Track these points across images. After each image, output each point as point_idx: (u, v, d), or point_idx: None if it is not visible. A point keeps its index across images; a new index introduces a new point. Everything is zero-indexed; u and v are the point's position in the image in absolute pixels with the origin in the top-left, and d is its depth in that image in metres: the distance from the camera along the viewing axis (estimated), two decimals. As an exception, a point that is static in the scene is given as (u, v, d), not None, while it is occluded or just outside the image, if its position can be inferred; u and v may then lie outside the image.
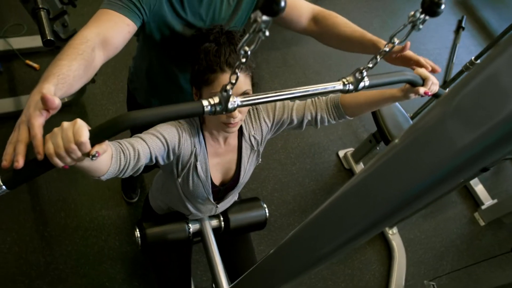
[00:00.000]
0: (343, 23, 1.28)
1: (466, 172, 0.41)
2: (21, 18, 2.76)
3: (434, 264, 2.64)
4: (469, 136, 0.38)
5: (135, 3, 1.08)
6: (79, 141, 0.67)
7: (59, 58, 0.86)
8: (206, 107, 0.72)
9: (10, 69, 2.57)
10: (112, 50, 1.03)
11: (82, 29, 0.98)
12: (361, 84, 0.88)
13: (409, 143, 0.45)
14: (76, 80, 0.86)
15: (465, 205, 3.01)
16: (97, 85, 2.63)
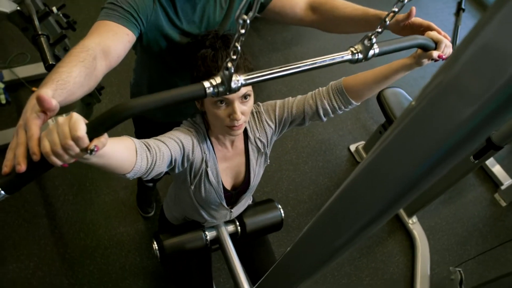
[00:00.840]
0: (341, 4, 1.24)
1: (472, 143, 0.40)
2: (24, 47, 2.81)
3: (458, 250, 2.60)
4: (471, 106, 0.37)
5: (132, 13, 1.08)
6: (75, 136, 0.62)
7: (59, 65, 0.83)
8: (208, 88, 0.67)
9: (17, 98, 2.61)
10: (114, 59, 1.01)
11: (83, 39, 0.96)
12: (371, 52, 0.82)
13: (411, 121, 0.44)
14: (77, 87, 0.83)
15: (484, 187, 2.96)
16: (103, 104, 2.66)
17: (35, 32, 1.71)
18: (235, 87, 0.68)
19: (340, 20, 1.24)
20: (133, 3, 1.08)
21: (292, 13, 1.30)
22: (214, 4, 1.24)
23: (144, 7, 1.10)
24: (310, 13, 1.30)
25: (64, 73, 0.80)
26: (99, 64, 0.94)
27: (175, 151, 1.05)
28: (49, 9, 2.02)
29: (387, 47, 0.87)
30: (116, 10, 1.06)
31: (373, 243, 2.50)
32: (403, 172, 0.48)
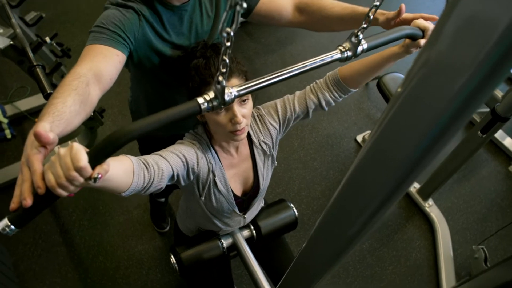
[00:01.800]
0: (329, 4, 1.24)
1: (466, 115, 0.40)
2: (23, 81, 2.85)
3: (479, 228, 2.56)
4: (459, 78, 0.37)
5: (119, 33, 1.08)
6: (78, 167, 0.63)
7: (53, 96, 0.84)
8: (202, 104, 0.68)
9: (22, 131, 2.64)
10: (107, 82, 1.01)
11: (74, 66, 0.96)
12: (359, 48, 0.83)
13: (402, 103, 0.44)
14: (73, 116, 0.84)
15: (497, 161, 2.92)
16: (107, 126, 2.68)
17: (31, 64, 1.73)
18: (229, 99, 0.69)
19: (329, 20, 1.24)
20: (119, 23, 1.08)
21: (279, 15, 1.29)
22: (201, 13, 1.25)
23: (130, 25, 1.10)
24: (298, 15, 1.30)
25: (59, 104, 0.81)
26: (93, 89, 0.94)
27: (177, 166, 1.05)
28: (42, 40, 2.05)
29: (375, 41, 0.88)
30: (103, 33, 1.06)
31: (392, 231, 2.48)
32: (404, 153, 0.47)
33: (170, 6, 1.17)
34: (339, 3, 1.23)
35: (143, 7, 1.15)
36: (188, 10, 1.21)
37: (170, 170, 1.03)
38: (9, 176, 2.34)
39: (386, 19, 1.12)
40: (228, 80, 1.05)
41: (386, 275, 2.30)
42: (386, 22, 1.13)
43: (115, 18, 1.08)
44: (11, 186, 2.35)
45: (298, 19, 1.30)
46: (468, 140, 2.10)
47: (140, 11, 1.13)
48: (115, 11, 1.11)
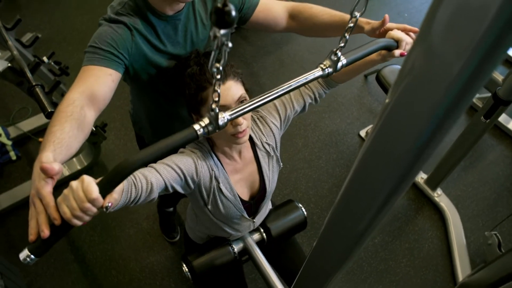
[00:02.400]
0: (319, 12, 1.29)
1: (466, 100, 0.39)
2: (24, 102, 2.86)
3: (490, 213, 2.54)
4: (456, 66, 0.37)
5: (112, 51, 1.10)
6: (91, 198, 0.68)
7: (51, 125, 0.89)
8: (198, 130, 0.72)
9: (27, 151, 2.65)
10: (101, 102, 1.05)
11: (68, 92, 1.01)
12: (339, 64, 0.89)
13: (401, 92, 0.44)
14: (73, 140, 0.89)
15: (503, 145, 2.90)
16: (110, 141, 2.69)
17: (30, 84, 1.74)
18: (222, 124, 0.73)
19: (319, 27, 1.30)
20: (111, 41, 1.10)
21: (275, 23, 1.34)
22: (195, 21, 1.25)
23: (123, 42, 1.12)
24: (291, 21, 1.34)
25: (58, 131, 0.86)
26: (88, 111, 0.99)
27: (170, 178, 1.05)
28: (40, 60, 2.06)
29: (353, 57, 0.94)
30: (96, 53, 1.09)
31: (403, 223, 2.47)
32: (407, 143, 0.47)
33: (164, 16, 1.17)
34: (329, 11, 1.28)
35: (136, 20, 1.15)
36: (182, 19, 1.22)
37: (162, 183, 1.03)
38: (17, 198, 2.35)
39: (371, 28, 1.18)
40: (223, 82, 1.06)
41: (400, 268, 2.29)
42: (371, 31, 1.18)
43: (107, 36, 1.10)
44: (20, 207, 2.37)
45: (291, 25, 1.35)
46: (472, 126, 2.08)
47: (133, 26, 1.14)
48: (108, 29, 1.12)
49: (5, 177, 2.51)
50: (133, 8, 1.16)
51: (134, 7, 1.16)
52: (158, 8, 1.16)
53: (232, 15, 0.47)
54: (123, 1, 1.17)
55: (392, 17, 1.08)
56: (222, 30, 0.49)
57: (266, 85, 3.15)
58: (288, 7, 1.33)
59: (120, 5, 1.16)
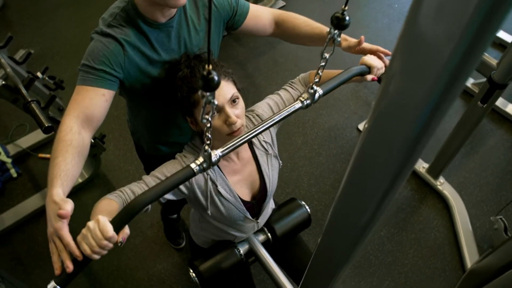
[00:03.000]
0: (302, 23, 1.37)
1: (459, 83, 0.39)
2: (21, 119, 2.86)
3: (494, 198, 2.54)
4: (446, 49, 0.36)
5: (105, 69, 1.11)
6: (108, 237, 0.78)
7: (54, 157, 0.97)
8: (195, 168, 0.80)
9: (27, 168, 2.65)
10: (96, 123, 1.11)
11: (64, 115, 1.07)
12: (316, 95, 0.96)
13: (394, 78, 0.44)
14: (76, 168, 0.98)
15: (502, 129, 2.90)
16: (110, 151, 2.69)
17: (25, 101, 1.74)
18: (215, 160, 0.81)
19: (300, 37, 1.38)
20: (104, 58, 1.11)
21: (263, 29, 1.41)
22: (187, 27, 1.25)
23: (115, 58, 1.13)
24: (275, 28, 1.42)
25: (61, 163, 0.95)
26: (85, 134, 1.07)
27: None
28: (33, 76, 2.06)
29: (329, 86, 1.01)
30: (90, 73, 1.11)
31: (407, 214, 2.46)
32: (403, 130, 0.47)
33: (156, 24, 1.17)
34: (311, 23, 1.36)
35: (127, 31, 1.15)
36: (175, 26, 1.22)
37: None
38: (20, 214, 2.35)
39: (348, 46, 1.27)
40: None
41: (408, 259, 2.29)
42: (347, 48, 1.27)
43: (99, 54, 1.11)
44: (24, 224, 2.36)
45: (275, 32, 1.43)
46: (470, 112, 2.08)
47: (124, 40, 1.14)
48: (99, 44, 1.13)
49: (7, 195, 2.51)
50: (124, 18, 1.16)
51: (126, 17, 1.16)
52: (149, 17, 1.16)
53: (215, 81, 0.58)
54: (114, 13, 1.17)
55: (383, 9, 1.09)
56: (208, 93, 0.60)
57: (261, 85, 3.15)
58: (274, 14, 1.40)
59: (111, 16, 1.16)
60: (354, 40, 1.24)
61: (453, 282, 2.20)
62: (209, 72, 0.57)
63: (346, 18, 0.75)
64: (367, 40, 1.24)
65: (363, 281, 2.20)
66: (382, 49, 1.23)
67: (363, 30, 3.58)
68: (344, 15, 0.75)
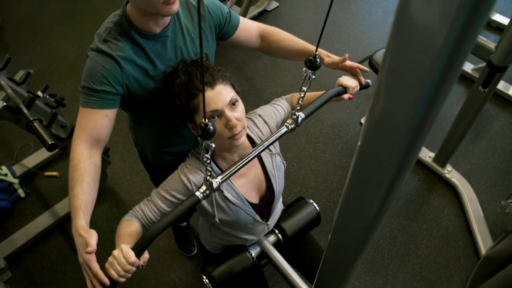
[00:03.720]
0: (286, 38, 1.43)
1: (456, 68, 0.39)
2: (25, 139, 2.88)
3: (503, 182, 2.52)
4: (439, 36, 0.36)
5: (105, 89, 1.13)
6: (131, 262, 0.93)
7: (71, 186, 1.08)
8: (199, 196, 0.97)
9: (34, 187, 2.66)
10: (103, 141, 1.20)
11: (73, 140, 1.15)
12: (299, 120, 1.09)
13: (390, 68, 0.43)
14: (93, 193, 1.10)
15: (506, 113, 2.88)
16: (115, 164, 2.70)
17: (27, 120, 1.75)
18: (216, 186, 0.97)
19: (283, 51, 1.44)
20: (102, 78, 1.13)
21: (250, 42, 1.45)
22: (183, 35, 1.25)
23: (113, 76, 1.14)
24: (260, 41, 1.46)
25: (79, 193, 1.06)
26: (95, 155, 1.16)
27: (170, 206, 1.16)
28: (34, 95, 2.07)
29: (310, 110, 1.15)
30: (91, 95, 1.14)
31: (417, 205, 2.45)
32: (405, 117, 0.46)
33: (151, 35, 1.18)
34: (294, 39, 1.43)
35: (123, 45, 1.15)
36: (170, 35, 1.22)
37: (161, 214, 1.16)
38: (31, 234, 2.36)
39: (332, 62, 1.34)
40: (213, 87, 1.07)
41: (421, 250, 2.27)
42: (331, 64, 1.35)
43: (97, 74, 1.13)
44: (35, 243, 2.37)
45: (260, 45, 1.47)
46: (472, 98, 2.07)
47: (119, 56, 1.15)
48: (96, 64, 1.14)
49: (17, 215, 2.52)
50: (119, 32, 1.16)
51: (120, 31, 1.17)
52: (144, 28, 1.16)
53: (211, 130, 0.75)
54: (108, 27, 1.17)
55: (377, 2, 1.10)
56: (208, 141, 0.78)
57: (261, 87, 3.15)
58: (260, 28, 1.44)
59: (106, 31, 1.17)
60: (337, 58, 1.33)
61: (468, 269, 2.18)
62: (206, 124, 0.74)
63: (317, 61, 0.94)
64: (362, 33, 1.28)
65: (378, 275, 2.18)
66: (361, 67, 1.34)
67: (358, 24, 3.57)
68: (316, 58, 0.94)
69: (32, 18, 4.02)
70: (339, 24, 3.61)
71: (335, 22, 3.62)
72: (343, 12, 3.73)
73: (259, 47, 1.47)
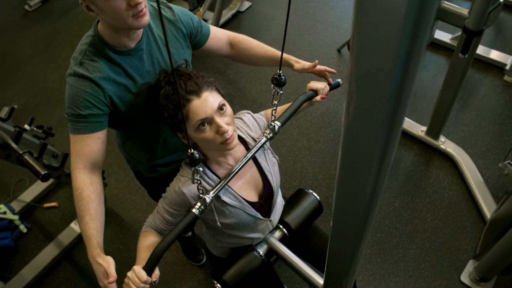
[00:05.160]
0: (255, 45, 1.46)
1: (422, 39, 0.39)
2: (19, 174, 2.86)
3: (498, 145, 2.54)
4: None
5: (92, 112, 1.13)
6: (144, 281, 1.01)
7: (80, 216, 1.14)
8: (195, 212, 1.05)
9: (35, 220, 2.65)
10: (100, 163, 1.22)
11: (71, 169, 1.18)
12: (276, 128, 1.19)
13: (361, 42, 0.44)
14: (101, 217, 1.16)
15: (490, 77, 2.90)
16: (112, 186, 2.69)
17: (17, 154, 1.74)
18: (209, 201, 1.07)
19: (253, 58, 1.48)
20: (86, 102, 1.13)
21: (220, 50, 1.48)
22: (157, 47, 1.25)
23: (96, 98, 1.14)
24: (230, 49, 1.49)
25: (89, 222, 1.12)
26: (95, 179, 1.19)
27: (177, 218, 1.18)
28: (21, 128, 2.06)
29: (285, 117, 1.23)
30: (79, 121, 1.15)
31: (417, 180, 2.46)
32: (382, 88, 0.47)
33: (126, 51, 1.18)
34: (264, 46, 1.46)
35: (99, 66, 1.15)
36: (145, 48, 1.22)
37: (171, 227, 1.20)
38: (38, 268, 2.34)
39: (302, 68, 1.38)
40: (199, 95, 1.06)
41: (427, 223, 2.28)
42: (301, 69, 1.39)
43: (80, 99, 1.13)
44: (44, 276, 2.36)
45: (229, 53, 1.50)
46: (454, 66, 2.08)
47: (98, 77, 1.14)
48: (76, 90, 1.14)
49: (21, 251, 2.51)
50: (94, 52, 1.16)
51: (95, 51, 1.16)
52: (117, 45, 1.16)
53: (197, 158, 0.88)
54: (83, 49, 1.17)
55: None
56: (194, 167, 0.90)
57: (246, 88, 3.15)
58: (229, 36, 1.47)
59: (81, 54, 1.17)
60: (308, 64, 1.38)
61: (476, 236, 2.19)
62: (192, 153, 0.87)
63: (282, 78, 1.08)
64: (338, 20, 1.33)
65: (388, 255, 2.19)
66: (329, 69, 1.41)
67: (332, 11, 3.58)
68: (280, 76, 1.08)
69: (9, 54, 4.00)
70: (313, 14, 3.62)
71: (309, 13, 3.63)
72: (315, 2, 3.74)
73: (230, 54, 1.50)
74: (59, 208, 2.68)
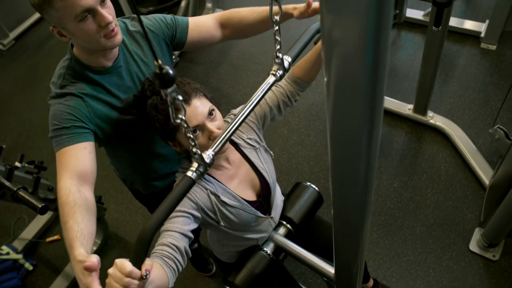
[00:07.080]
0: (248, 12, 1.32)
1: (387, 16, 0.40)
2: (17, 212, 2.83)
3: (485, 111, 2.57)
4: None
5: (75, 124, 1.11)
6: (127, 272, 0.75)
7: (64, 221, 0.98)
8: (192, 175, 0.75)
9: (40, 256, 2.62)
10: (91, 176, 1.09)
11: (58, 181, 1.05)
12: (286, 64, 0.89)
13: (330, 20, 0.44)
14: (89, 225, 0.98)
15: (467, 46, 2.94)
16: (112, 210, 2.67)
17: (12, 191, 1.72)
18: (210, 161, 0.76)
19: (251, 27, 1.32)
20: (69, 116, 1.11)
21: (210, 36, 1.35)
22: (135, 62, 1.25)
23: (79, 111, 1.13)
24: (223, 30, 1.36)
25: (73, 225, 0.95)
26: (85, 191, 1.05)
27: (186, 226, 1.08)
28: (12, 166, 2.04)
29: (295, 51, 0.95)
30: (63, 134, 1.10)
31: (412, 158, 2.48)
32: (357, 63, 0.47)
33: (104, 70, 1.18)
34: (257, 9, 1.30)
35: (81, 85, 1.15)
36: (123, 65, 1.22)
37: (184, 238, 1.06)
38: (50, 303, 2.32)
39: (300, 13, 1.20)
40: (189, 103, 1.06)
41: (428, 199, 2.29)
42: (300, 15, 1.21)
43: (63, 114, 1.11)
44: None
45: (225, 34, 1.36)
46: (429, 40, 2.11)
47: (81, 93, 1.14)
48: (59, 106, 1.13)
49: (31, 290, 2.48)
50: (73, 75, 1.16)
51: (74, 74, 1.16)
52: (95, 65, 1.16)
53: (171, 74, 0.55)
54: (61, 73, 1.17)
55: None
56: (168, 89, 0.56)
57: (230, 93, 3.16)
58: (216, 17, 1.35)
59: (60, 78, 1.17)
60: (302, 5, 1.20)
61: (478, 203, 2.21)
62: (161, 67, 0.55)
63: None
64: None
65: (395, 236, 2.20)
66: None
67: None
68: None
69: (-11, 95, 3.97)
70: None
71: None
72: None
73: (225, 36, 1.38)
74: (62, 240, 2.65)
